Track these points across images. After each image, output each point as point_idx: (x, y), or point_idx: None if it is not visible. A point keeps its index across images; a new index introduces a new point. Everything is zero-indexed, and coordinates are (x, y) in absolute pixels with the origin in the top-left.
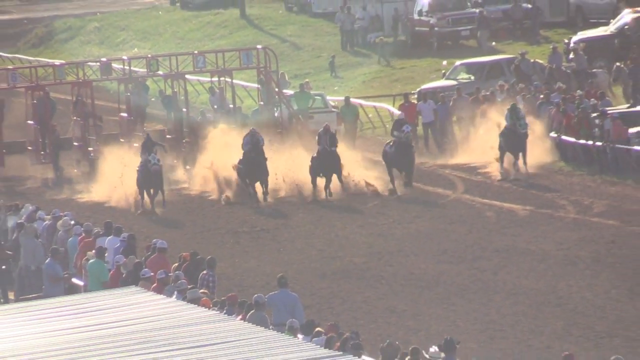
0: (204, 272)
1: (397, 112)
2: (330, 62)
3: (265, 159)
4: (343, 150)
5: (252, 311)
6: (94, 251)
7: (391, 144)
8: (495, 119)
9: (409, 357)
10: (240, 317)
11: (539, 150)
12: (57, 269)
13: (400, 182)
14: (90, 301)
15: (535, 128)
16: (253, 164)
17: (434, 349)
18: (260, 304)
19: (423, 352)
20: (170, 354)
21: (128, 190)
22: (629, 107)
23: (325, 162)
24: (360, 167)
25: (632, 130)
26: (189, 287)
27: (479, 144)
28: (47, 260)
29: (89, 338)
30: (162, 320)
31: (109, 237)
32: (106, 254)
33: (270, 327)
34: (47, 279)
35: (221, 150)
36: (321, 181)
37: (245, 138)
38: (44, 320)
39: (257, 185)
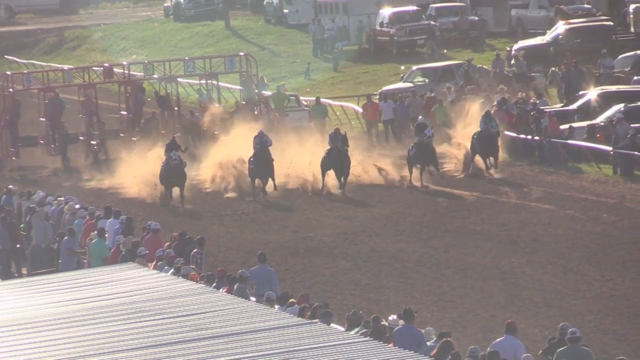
0: (195, 250)
1: (360, 110)
2: (307, 68)
3: (272, 159)
4: (318, 142)
5: (236, 284)
6: (96, 232)
7: (412, 146)
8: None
9: (371, 324)
10: (226, 289)
11: None
12: (72, 244)
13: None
14: (92, 276)
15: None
16: (261, 163)
17: (392, 317)
18: (243, 277)
19: (383, 320)
20: (162, 322)
21: (138, 179)
22: (562, 107)
23: (336, 160)
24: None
25: (574, 125)
26: (182, 264)
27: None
28: (65, 238)
29: (92, 307)
30: (156, 292)
31: (110, 220)
32: (106, 234)
33: (252, 298)
34: (65, 252)
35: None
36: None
37: (255, 139)
38: (52, 292)
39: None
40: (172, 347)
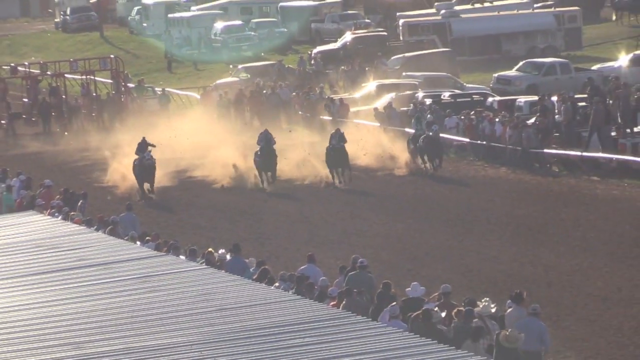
0: (81, 201)
1: (199, 97)
2: (168, 64)
3: (276, 155)
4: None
5: (109, 227)
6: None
7: (421, 139)
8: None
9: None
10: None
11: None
12: None
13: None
14: (2, 220)
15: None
16: (267, 157)
17: (221, 251)
18: (115, 222)
19: (215, 253)
20: (55, 254)
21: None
22: (349, 95)
23: (335, 156)
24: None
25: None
26: (69, 211)
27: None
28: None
29: (2, 244)
30: (50, 232)
31: (15, 178)
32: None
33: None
34: None
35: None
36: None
37: (260, 135)
38: None
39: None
40: (62, 272)
